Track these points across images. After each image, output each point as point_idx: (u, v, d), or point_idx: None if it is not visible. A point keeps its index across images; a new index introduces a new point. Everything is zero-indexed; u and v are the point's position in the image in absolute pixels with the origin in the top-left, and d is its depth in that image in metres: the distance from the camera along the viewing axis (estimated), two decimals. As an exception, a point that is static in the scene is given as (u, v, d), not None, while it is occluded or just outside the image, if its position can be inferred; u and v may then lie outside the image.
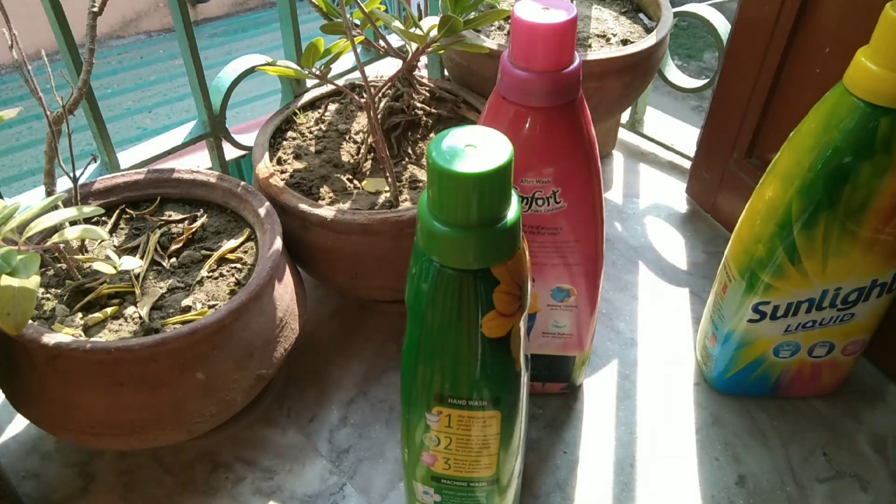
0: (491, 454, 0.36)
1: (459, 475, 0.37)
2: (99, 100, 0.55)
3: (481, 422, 0.34)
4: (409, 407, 0.35)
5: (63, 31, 0.50)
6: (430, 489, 0.38)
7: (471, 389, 0.33)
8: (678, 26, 3.39)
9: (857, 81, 0.38)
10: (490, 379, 0.33)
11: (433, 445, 0.35)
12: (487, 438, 0.35)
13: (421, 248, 0.31)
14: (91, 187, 0.52)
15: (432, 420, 0.34)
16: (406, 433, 0.36)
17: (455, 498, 0.39)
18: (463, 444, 0.35)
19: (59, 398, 0.42)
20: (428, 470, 0.37)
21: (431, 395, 0.33)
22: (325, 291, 0.63)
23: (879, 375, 0.56)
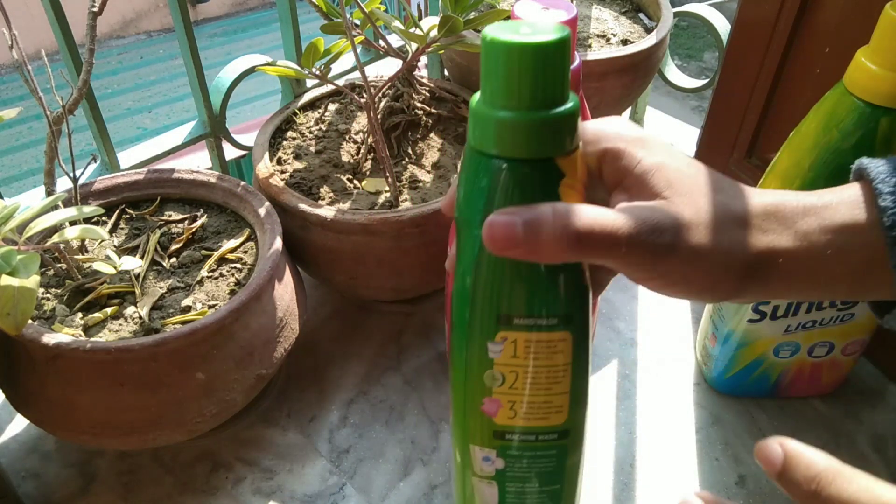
0: (562, 391, 0.30)
1: (527, 424, 0.31)
2: (99, 100, 0.55)
3: (551, 347, 0.29)
4: (468, 342, 0.30)
5: (63, 31, 0.50)
6: (493, 452, 0.32)
7: (540, 303, 0.28)
8: (678, 26, 3.38)
9: (856, 81, 0.38)
10: (560, 290, 0.28)
11: (496, 386, 0.30)
12: (557, 370, 0.30)
13: (475, 145, 0.28)
14: (91, 187, 0.52)
15: (495, 350, 0.29)
16: (463, 382, 0.31)
17: (521, 461, 0.32)
18: (530, 379, 0.30)
19: (59, 398, 0.42)
20: (489, 423, 0.31)
21: (494, 317, 0.29)
22: (325, 291, 0.63)
23: (879, 375, 0.56)
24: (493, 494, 0.33)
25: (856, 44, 0.39)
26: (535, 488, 0.32)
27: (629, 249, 0.25)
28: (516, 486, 0.32)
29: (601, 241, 0.25)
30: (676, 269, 0.27)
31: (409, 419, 0.53)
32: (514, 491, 0.33)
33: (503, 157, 0.27)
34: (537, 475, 0.32)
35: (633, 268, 0.27)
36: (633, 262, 0.26)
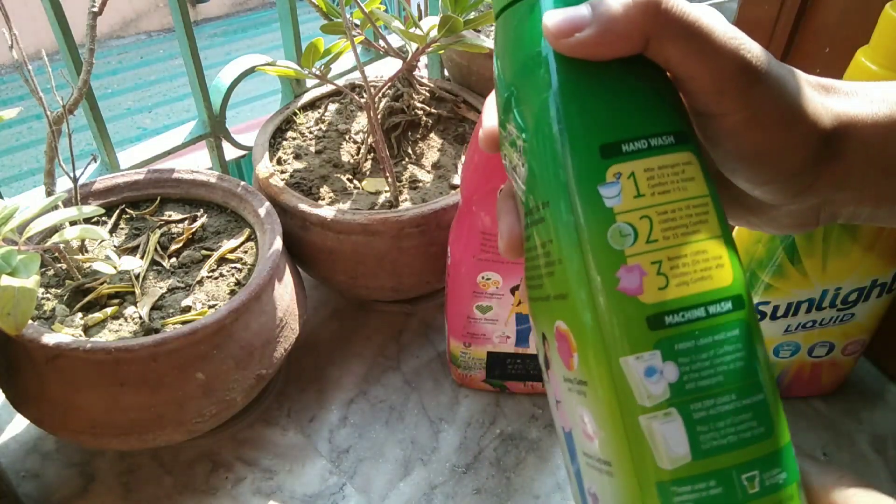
0: (713, 234, 0.22)
1: (688, 292, 0.21)
2: (99, 100, 0.55)
3: (678, 173, 0.22)
4: (572, 198, 0.22)
5: (63, 31, 0.50)
6: (656, 355, 0.21)
7: (647, 116, 0.23)
8: (678, 26, 3.38)
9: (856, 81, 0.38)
10: (663, 98, 0.23)
11: (629, 244, 0.21)
12: (698, 205, 0.22)
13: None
14: (91, 187, 0.52)
15: (612, 194, 0.22)
16: (580, 261, 0.22)
17: (700, 357, 0.21)
18: (670, 221, 0.22)
19: (59, 398, 0.42)
20: (637, 307, 0.21)
21: (597, 150, 0.22)
22: (325, 291, 0.63)
23: (879, 375, 0.56)
24: (677, 436, 0.21)
25: (856, 44, 0.39)
26: (732, 405, 0.21)
27: (716, 50, 0.22)
28: (705, 408, 0.21)
29: (691, 22, 0.21)
30: (762, 105, 0.23)
31: (409, 419, 0.53)
32: (706, 418, 0.21)
33: None
34: (727, 380, 0.21)
35: (719, 86, 0.22)
36: (722, 75, 0.22)
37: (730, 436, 0.21)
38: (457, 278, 0.47)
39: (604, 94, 0.22)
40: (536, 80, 0.23)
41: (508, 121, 0.25)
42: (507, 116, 0.25)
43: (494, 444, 0.51)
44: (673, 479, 0.21)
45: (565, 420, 0.24)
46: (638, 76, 0.23)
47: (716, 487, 0.21)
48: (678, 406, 0.21)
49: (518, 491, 0.48)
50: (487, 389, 0.54)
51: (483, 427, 0.52)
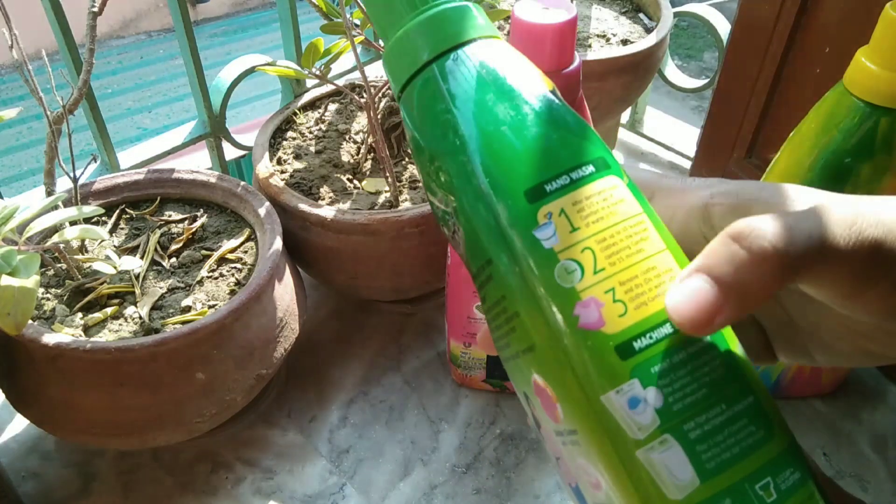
0: (657, 248, 0.22)
1: (648, 313, 0.21)
2: (99, 100, 0.55)
3: (606, 198, 0.22)
4: (511, 252, 0.22)
5: (63, 31, 0.50)
6: (634, 384, 0.20)
7: (563, 153, 0.23)
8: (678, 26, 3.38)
9: (856, 81, 0.38)
10: (577, 132, 0.23)
11: (577, 280, 0.21)
12: (634, 224, 0.22)
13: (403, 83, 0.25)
14: (91, 187, 0.52)
15: (547, 235, 0.22)
16: (534, 306, 0.22)
17: (679, 374, 0.21)
18: (611, 247, 0.22)
19: (59, 398, 0.42)
20: (602, 341, 0.21)
21: (522, 197, 0.22)
22: (325, 291, 0.63)
23: (879, 375, 0.56)
24: (679, 462, 0.20)
25: (856, 44, 0.39)
26: (725, 415, 0.20)
27: (842, 256, 0.19)
28: (699, 425, 0.20)
29: (814, 245, 0.19)
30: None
31: (409, 419, 0.53)
32: (702, 435, 0.20)
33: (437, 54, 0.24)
34: (713, 390, 0.21)
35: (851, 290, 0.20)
36: (854, 278, 0.20)
37: (732, 448, 0.20)
38: (457, 278, 0.47)
39: (517, 142, 0.23)
40: (451, 147, 0.23)
41: (435, 192, 0.25)
42: (434, 188, 0.25)
43: (494, 444, 0.51)
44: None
45: (569, 475, 0.24)
46: (547, 116, 0.23)
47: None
48: (671, 431, 0.20)
49: (518, 491, 0.48)
50: (487, 389, 0.54)
51: (483, 427, 0.52)
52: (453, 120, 0.23)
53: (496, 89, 0.24)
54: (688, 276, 0.20)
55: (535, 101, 0.23)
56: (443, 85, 0.24)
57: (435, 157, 0.24)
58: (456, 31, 0.24)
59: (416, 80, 0.24)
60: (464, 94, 0.24)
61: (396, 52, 0.25)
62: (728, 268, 0.19)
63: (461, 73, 0.24)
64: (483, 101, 0.23)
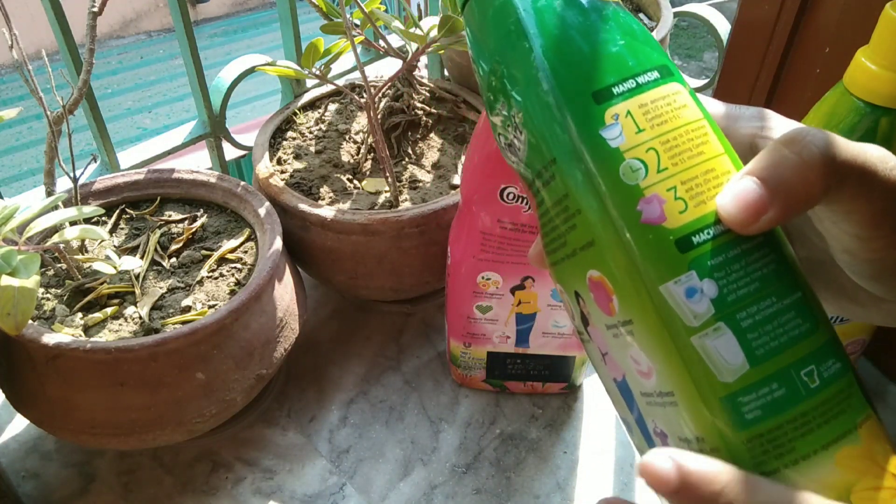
0: (716, 152, 0.23)
1: (708, 210, 0.22)
2: (99, 100, 0.55)
3: (670, 102, 0.23)
4: (578, 148, 0.23)
5: (63, 31, 0.50)
6: (692, 276, 0.21)
7: (629, 58, 0.23)
8: (678, 26, 3.39)
9: (856, 81, 0.38)
10: (642, 39, 0.24)
11: (641, 178, 0.22)
12: (695, 128, 0.23)
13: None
14: (91, 187, 0.52)
15: (614, 134, 0.22)
16: (598, 202, 0.22)
17: (734, 267, 0.22)
18: (674, 147, 0.22)
19: (59, 398, 0.42)
20: (663, 234, 0.22)
21: (590, 99, 0.23)
22: (325, 291, 0.63)
23: (879, 375, 0.56)
24: (731, 348, 0.21)
25: (856, 44, 0.39)
26: (775, 307, 0.22)
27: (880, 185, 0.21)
28: (751, 315, 0.21)
29: (860, 164, 0.21)
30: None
31: (409, 419, 0.53)
32: (753, 324, 0.21)
33: None
34: (764, 284, 0.22)
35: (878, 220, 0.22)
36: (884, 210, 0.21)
37: (780, 337, 0.21)
38: (457, 278, 0.47)
39: (584, 46, 0.23)
40: (518, 52, 0.24)
41: (497, 102, 0.26)
42: (497, 98, 0.25)
43: (494, 444, 0.51)
44: (737, 391, 0.21)
45: (615, 369, 0.25)
46: (613, 22, 0.24)
47: (778, 389, 0.21)
48: (725, 319, 0.21)
49: (518, 491, 0.48)
50: (487, 389, 0.54)
51: (483, 427, 0.52)
52: (521, 26, 0.24)
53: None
54: (738, 178, 0.21)
55: (601, 8, 0.24)
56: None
57: (501, 63, 0.25)
58: None
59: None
60: (531, 1, 0.24)
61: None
62: (776, 170, 0.21)
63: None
64: (551, 7, 0.24)
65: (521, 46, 0.24)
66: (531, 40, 0.24)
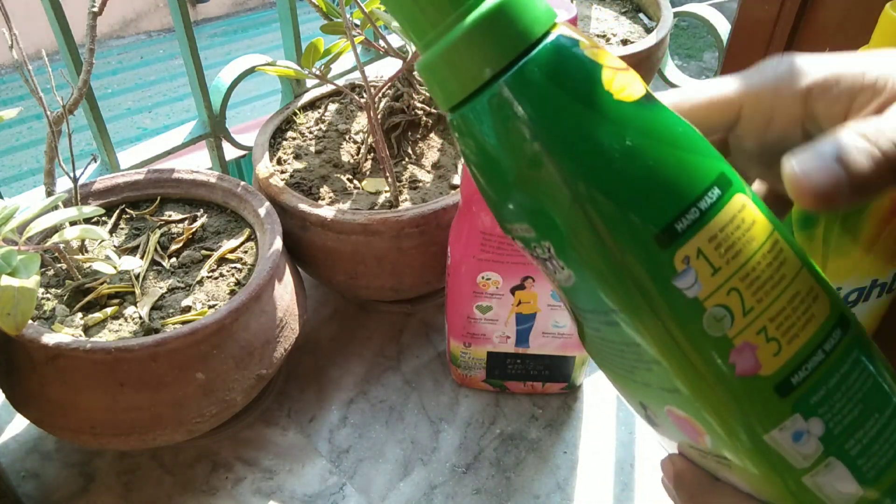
0: (795, 268, 0.20)
1: (801, 344, 0.20)
2: (99, 100, 0.55)
3: (738, 224, 0.20)
4: (648, 297, 0.20)
5: (63, 31, 0.50)
6: (797, 419, 0.20)
7: (686, 180, 0.20)
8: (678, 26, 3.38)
9: (857, 81, 0.38)
10: (693, 147, 0.20)
11: (728, 326, 0.19)
12: (769, 247, 0.20)
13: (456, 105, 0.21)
14: (91, 187, 0.52)
15: (689, 282, 0.19)
16: (686, 366, 0.20)
17: (836, 398, 0.20)
18: (756, 281, 0.20)
19: (59, 398, 0.42)
20: (763, 384, 0.20)
21: (654, 244, 0.19)
22: (325, 291, 0.63)
23: (879, 375, 0.56)
24: (844, 479, 0.20)
25: (856, 44, 0.39)
26: (879, 423, 0.20)
27: None
28: (857, 440, 0.20)
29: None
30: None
31: (409, 419, 0.53)
32: (862, 449, 0.20)
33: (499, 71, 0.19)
34: (867, 404, 0.20)
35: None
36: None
37: (887, 452, 0.21)
38: (457, 278, 0.47)
39: (632, 175, 0.19)
40: (546, 184, 0.20)
41: (515, 222, 0.22)
42: (514, 219, 0.22)
43: (494, 444, 0.51)
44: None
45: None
46: (656, 132, 0.20)
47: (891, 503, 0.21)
48: (835, 453, 0.20)
49: (518, 491, 0.48)
50: (487, 389, 0.54)
51: (483, 427, 0.52)
52: (544, 154, 0.19)
53: (591, 105, 0.19)
54: (820, 159, 0.19)
55: (637, 114, 0.20)
56: (518, 108, 0.19)
57: (520, 191, 0.20)
58: (521, 30, 0.19)
59: (476, 99, 0.20)
60: (551, 119, 0.19)
61: (442, 63, 0.20)
62: (859, 157, 0.19)
63: (540, 88, 0.19)
64: (578, 126, 0.19)
65: (548, 179, 0.20)
66: (561, 173, 0.19)
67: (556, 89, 0.19)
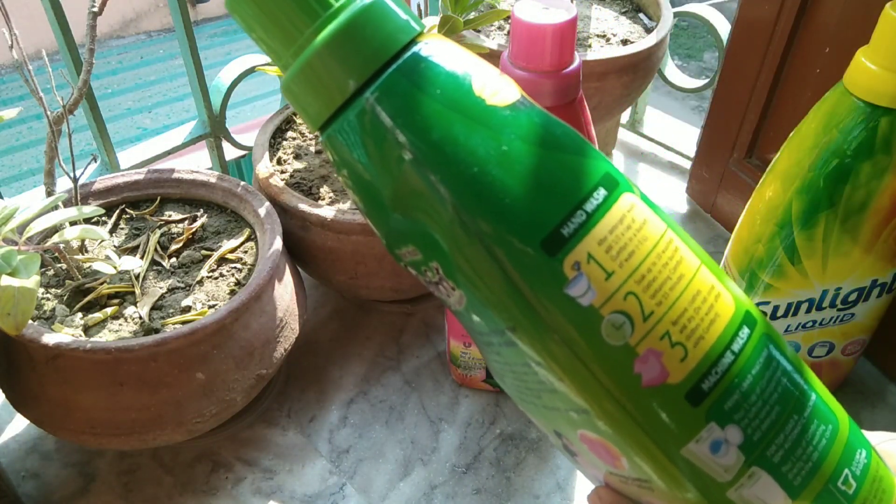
0: (692, 267, 0.19)
1: (708, 348, 0.19)
2: (99, 100, 0.55)
3: (629, 225, 0.19)
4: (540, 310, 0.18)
5: (63, 31, 0.50)
6: (712, 427, 0.19)
7: (569, 182, 0.19)
8: (678, 26, 3.39)
9: (857, 81, 0.38)
10: (577, 149, 0.19)
11: (629, 334, 0.18)
12: (664, 247, 0.19)
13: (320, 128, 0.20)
14: (91, 187, 0.52)
15: (581, 289, 0.18)
16: (587, 377, 0.19)
17: (749, 403, 0.19)
18: (651, 284, 0.19)
19: (59, 398, 0.42)
20: (672, 393, 0.19)
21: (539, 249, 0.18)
22: (325, 291, 0.63)
23: (879, 375, 0.56)
24: (771, 489, 0.19)
25: (856, 44, 0.39)
26: (799, 425, 0.19)
27: None
28: (779, 446, 0.19)
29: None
30: None
31: (409, 419, 0.53)
32: (785, 454, 0.19)
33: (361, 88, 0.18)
34: (783, 405, 0.19)
35: None
36: None
37: (812, 455, 0.19)
38: (457, 278, 0.47)
39: (510, 181, 0.18)
40: (424, 200, 0.19)
41: (401, 245, 0.21)
42: (399, 242, 0.21)
43: (494, 444, 0.51)
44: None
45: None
46: (533, 135, 0.19)
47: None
48: (757, 462, 0.19)
49: (518, 491, 0.48)
50: (487, 389, 0.54)
51: (483, 427, 0.52)
52: (417, 166, 0.18)
53: (462, 112, 0.18)
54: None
55: (513, 119, 0.19)
56: (387, 119, 0.18)
57: (399, 210, 0.19)
58: (383, 40, 0.18)
59: (342, 115, 0.19)
60: (422, 128, 0.18)
61: (304, 81, 0.19)
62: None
63: (408, 97, 0.18)
64: (452, 135, 0.18)
65: (425, 194, 0.19)
66: (438, 186, 0.18)
67: (424, 97, 0.18)
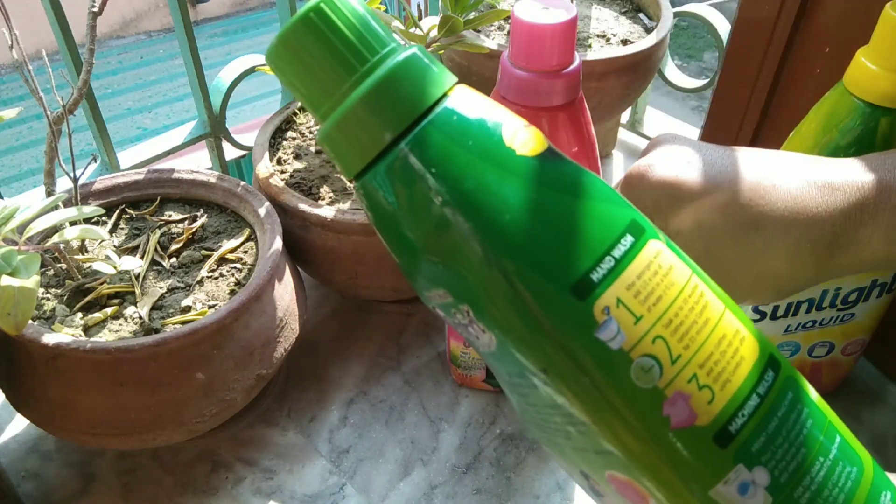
0: (718, 311, 0.20)
1: (735, 390, 0.19)
2: (99, 100, 0.55)
3: (656, 271, 0.20)
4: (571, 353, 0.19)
5: (63, 31, 0.50)
6: (740, 470, 0.19)
7: (597, 230, 0.20)
8: (678, 26, 3.39)
9: (857, 81, 0.38)
10: (603, 199, 0.20)
11: (657, 378, 0.19)
12: (690, 291, 0.20)
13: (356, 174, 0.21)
14: (91, 187, 0.52)
15: (611, 333, 0.19)
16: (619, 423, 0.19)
17: (776, 444, 0.20)
18: (679, 328, 0.19)
19: (59, 398, 0.42)
20: (701, 435, 0.19)
21: (570, 295, 0.19)
22: (325, 291, 0.63)
23: (879, 375, 0.56)
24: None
25: (856, 44, 0.39)
26: (826, 466, 0.20)
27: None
28: (806, 486, 0.20)
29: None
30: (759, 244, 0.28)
31: (409, 419, 0.53)
32: (812, 495, 0.20)
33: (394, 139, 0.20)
34: (809, 446, 0.20)
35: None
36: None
37: (838, 497, 0.20)
38: (457, 278, 0.47)
39: (542, 229, 0.19)
40: (456, 246, 0.20)
41: (431, 288, 0.21)
42: (429, 285, 0.21)
43: (494, 444, 0.51)
44: None
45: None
46: (562, 185, 0.20)
47: None
48: (784, 502, 0.19)
49: (518, 491, 0.48)
50: (487, 389, 0.54)
51: (483, 427, 0.52)
52: (451, 213, 0.19)
53: (494, 162, 0.19)
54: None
55: (542, 168, 0.20)
56: (421, 169, 0.19)
57: (433, 255, 0.20)
58: (418, 94, 0.20)
59: (377, 165, 0.20)
60: (455, 178, 0.19)
61: (341, 132, 0.20)
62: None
63: (441, 148, 0.19)
64: (484, 184, 0.19)
65: (458, 241, 0.19)
66: (471, 234, 0.19)
67: (457, 148, 0.19)
